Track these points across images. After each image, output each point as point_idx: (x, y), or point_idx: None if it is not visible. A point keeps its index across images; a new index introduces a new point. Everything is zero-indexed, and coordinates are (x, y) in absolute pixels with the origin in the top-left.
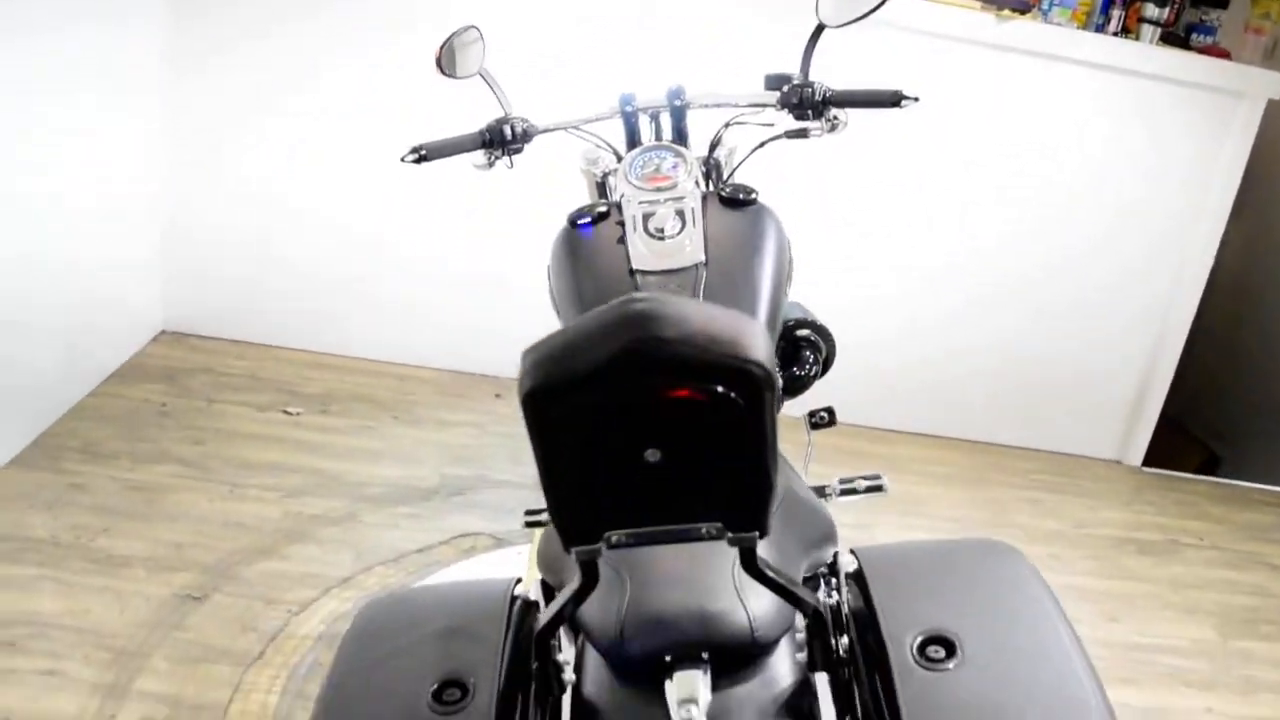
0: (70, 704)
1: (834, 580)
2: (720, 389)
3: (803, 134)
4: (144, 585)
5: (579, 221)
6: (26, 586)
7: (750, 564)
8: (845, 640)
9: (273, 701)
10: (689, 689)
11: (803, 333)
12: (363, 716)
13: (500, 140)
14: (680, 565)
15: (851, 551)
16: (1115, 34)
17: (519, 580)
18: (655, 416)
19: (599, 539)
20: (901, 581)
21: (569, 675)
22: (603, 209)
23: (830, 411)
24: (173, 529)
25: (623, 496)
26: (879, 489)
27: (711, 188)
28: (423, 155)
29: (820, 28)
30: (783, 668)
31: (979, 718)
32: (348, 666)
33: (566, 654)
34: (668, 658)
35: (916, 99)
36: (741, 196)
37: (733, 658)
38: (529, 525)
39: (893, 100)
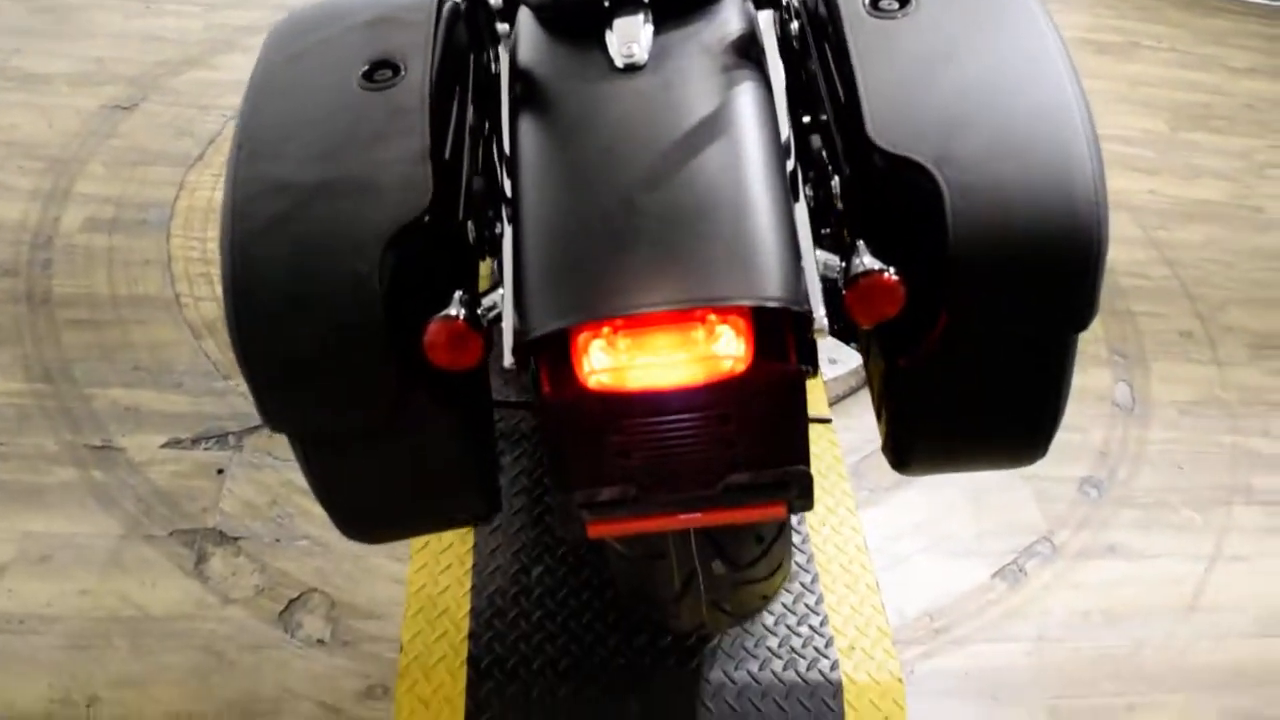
0: (12, 210)
1: None
2: None
3: None
4: (69, 99)
5: None
6: None
7: None
8: (795, 25)
9: (219, 197)
10: (630, 30)
11: None
12: (290, 107)
13: None
14: None
15: None
16: None
17: None
18: None
19: None
20: None
21: (502, 26)
22: None
23: None
24: (90, 45)
25: None
26: None
27: None
28: None
29: None
30: (728, 12)
31: (930, 58)
32: (270, 64)
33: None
34: (606, 3)
35: None
36: None
37: (674, 2)
38: None
39: None
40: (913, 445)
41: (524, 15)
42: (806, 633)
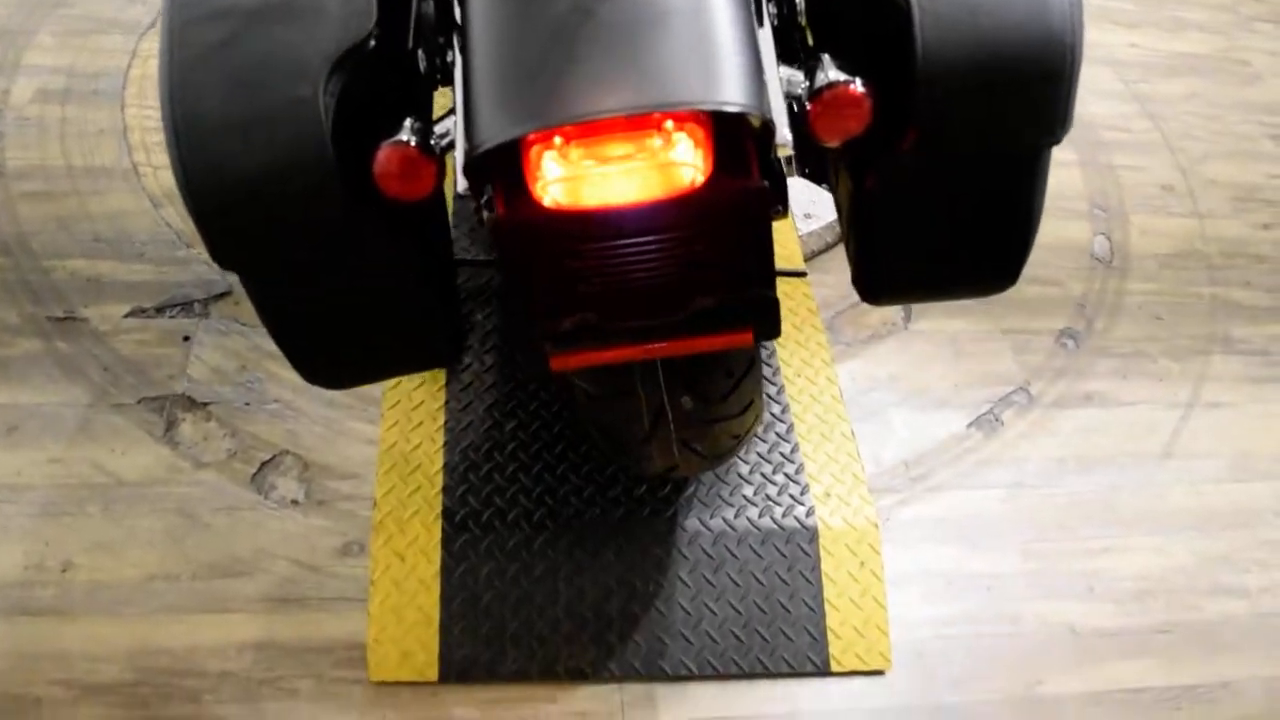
0: None
1: None
2: None
3: None
4: None
5: None
6: None
7: None
8: None
9: None
10: None
11: None
12: None
13: None
14: None
15: None
16: None
17: None
18: None
19: None
20: None
21: None
22: None
23: None
24: None
25: None
26: None
27: None
28: None
29: None
30: None
31: None
32: None
33: None
34: None
35: None
36: None
37: None
38: None
39: None
40: (882, 271)
41: None
42: (782, 480)
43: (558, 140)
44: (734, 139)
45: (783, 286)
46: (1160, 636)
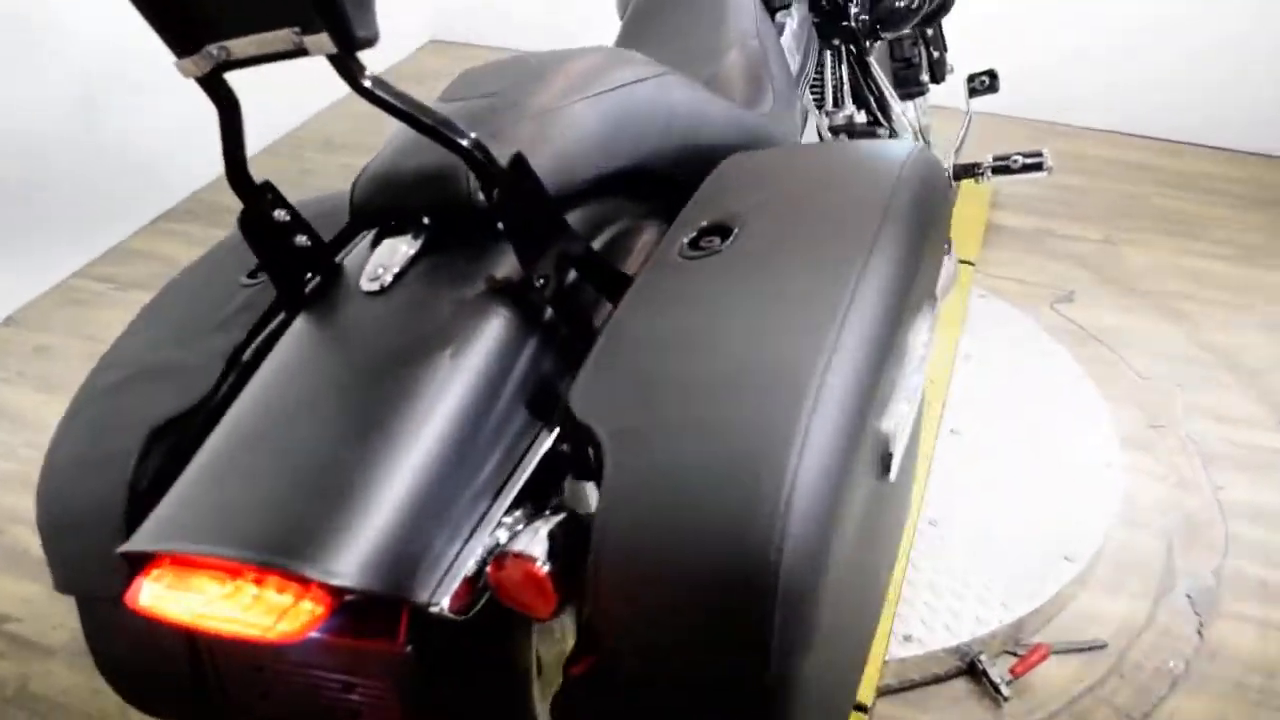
0: None
1: None
2: None
3: None
4: None
5: None
6: None
7: (350, 78)
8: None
9: None
10: (386, 254)
11: None
12: (184, 298)
13: None
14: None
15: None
16: None
17: None
18: None
19: (200, 48)
20: (735, 181)
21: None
22: None
23: (992, 76)
24: None
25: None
26: (1039, 168)
27: None
28: None
29: None
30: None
31: (688, 324)
32: (200, 259)
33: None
34: (393, 223)
35: None
36: None
37: (455, 223)
38: None
39: None
40: None
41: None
42: None
43: (167, 562)
44: (371, 603)
45: None
46: None
